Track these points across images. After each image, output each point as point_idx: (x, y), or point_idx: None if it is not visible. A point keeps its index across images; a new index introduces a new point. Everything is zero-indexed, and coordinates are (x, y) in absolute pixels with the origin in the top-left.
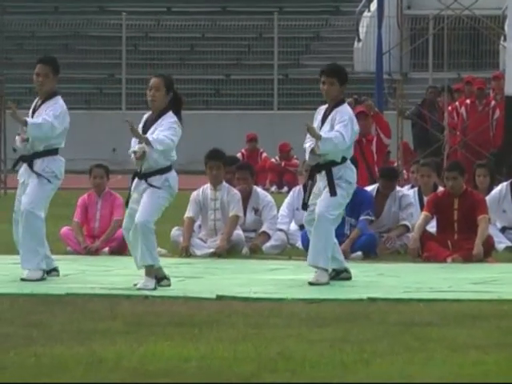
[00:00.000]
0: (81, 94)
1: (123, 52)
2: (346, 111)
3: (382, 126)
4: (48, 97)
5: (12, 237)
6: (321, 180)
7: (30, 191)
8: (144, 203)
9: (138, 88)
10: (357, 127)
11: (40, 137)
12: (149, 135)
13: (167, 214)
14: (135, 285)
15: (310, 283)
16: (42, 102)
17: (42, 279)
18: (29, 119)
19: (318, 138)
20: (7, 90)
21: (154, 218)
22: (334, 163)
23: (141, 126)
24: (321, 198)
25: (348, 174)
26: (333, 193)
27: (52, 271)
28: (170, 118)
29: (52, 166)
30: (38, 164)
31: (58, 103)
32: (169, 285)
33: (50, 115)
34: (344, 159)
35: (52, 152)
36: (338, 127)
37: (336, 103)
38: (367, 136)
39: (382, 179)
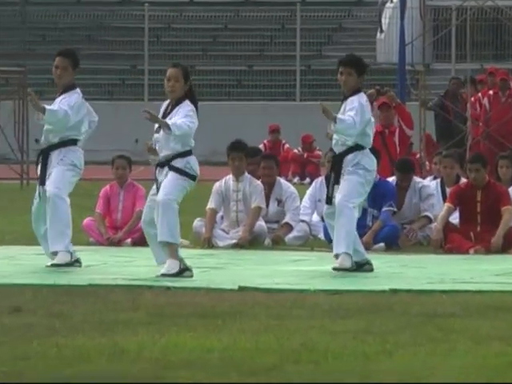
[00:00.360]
0: (103, 85)
1: (145, 43)
2: (356, 99)
3: (404, 118)
4: (66, 89)
5: (30, 227)
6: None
7: (53, 177)
8: (165, 183)
9: (160, 79)
10: (369, 116)
11: (55, 123)
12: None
13: (189, 206)
14: (158, 276)
15: (334, 268)
16: (60, 94)
17: (70, 263)
18: (47, 106)
19: (331, 118)
20: (30, 80)
21: (176, 197)
22: (348, 151)
23: (160, 115)
24: (339, 188)
25: (365, 161)
26: (336, 181)
27: (74, 262)
28: (187, 106)
29: (70, 156)
30: (55, 155)
31: (74, 95)
32: (191, 276)
33: (64, 105)
34: (359, 146)
35: (68, 143)
36: (348, 113)
37: (351, 93)
38: (390, 127)
39: (397, 172)
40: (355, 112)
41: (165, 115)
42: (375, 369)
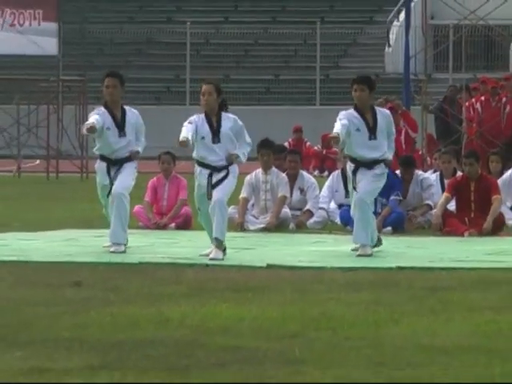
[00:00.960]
0: (152, 92)
1: (187, 56)
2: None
3: (409, 123)
4: (117, 106)
5: (91, 212)
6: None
7: (122, 178)
8: (225, 185)
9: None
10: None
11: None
12: (240, 154)
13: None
14: (201, 255)
15: (359, 255)
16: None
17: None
18: (139, 149)
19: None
20: (89, 88)
21: (228, 197)
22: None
23: (206, 127)
24: (363, 182)
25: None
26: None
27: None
28: (238, 122)
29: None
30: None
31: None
32: (225, 255)
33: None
34: None
35: None
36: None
37: (368, 108)
38: (396, 128)
39: (401, 167)
40: (392, 138)
41: (211, 126)
42: (384, 334)
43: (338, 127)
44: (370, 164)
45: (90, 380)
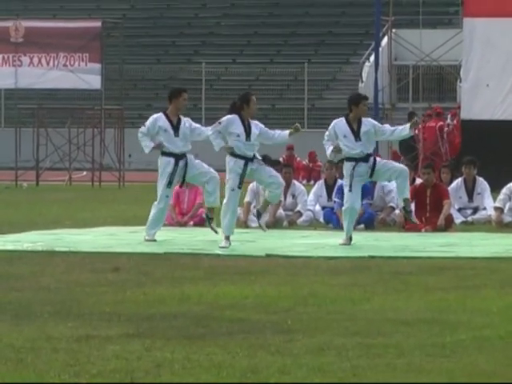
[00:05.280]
0: None
1: (203, 90)
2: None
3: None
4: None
5: (127, 213)
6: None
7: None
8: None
9: (213, 114)
10: None
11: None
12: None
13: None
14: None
15: (341, 244)
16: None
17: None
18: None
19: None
20: (126, 115)
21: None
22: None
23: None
24: (354, 194)
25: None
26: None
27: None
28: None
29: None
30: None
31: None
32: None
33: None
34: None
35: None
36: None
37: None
38: None
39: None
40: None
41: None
42: (359, 309)
43: (328, 153)
44: (365, 157)
45: (126, 345)
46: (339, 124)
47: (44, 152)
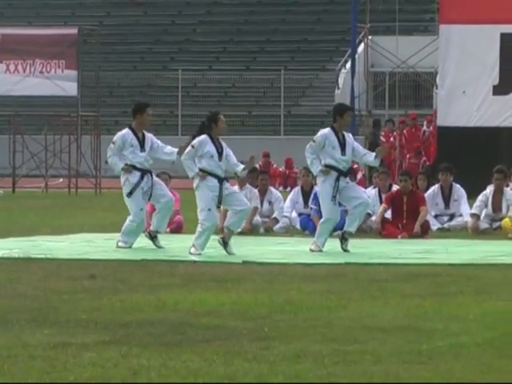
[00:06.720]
0: (151, 125)
1: (179, 96)
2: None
3: None
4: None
5: (103, 220)
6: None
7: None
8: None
9: (190, 120)
10: None
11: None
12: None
13: None
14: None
15: (311, 250)
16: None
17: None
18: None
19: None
20: (102, 122)
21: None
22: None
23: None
24: (335, 208)
25: None
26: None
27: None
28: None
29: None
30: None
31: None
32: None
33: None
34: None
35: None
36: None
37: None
38: None
39: None
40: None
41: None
42: (335, 316)
43: (315, 170)
44: (346, 172)
45: (103, 352)
46: (328, 135)
47: (20, 159)
